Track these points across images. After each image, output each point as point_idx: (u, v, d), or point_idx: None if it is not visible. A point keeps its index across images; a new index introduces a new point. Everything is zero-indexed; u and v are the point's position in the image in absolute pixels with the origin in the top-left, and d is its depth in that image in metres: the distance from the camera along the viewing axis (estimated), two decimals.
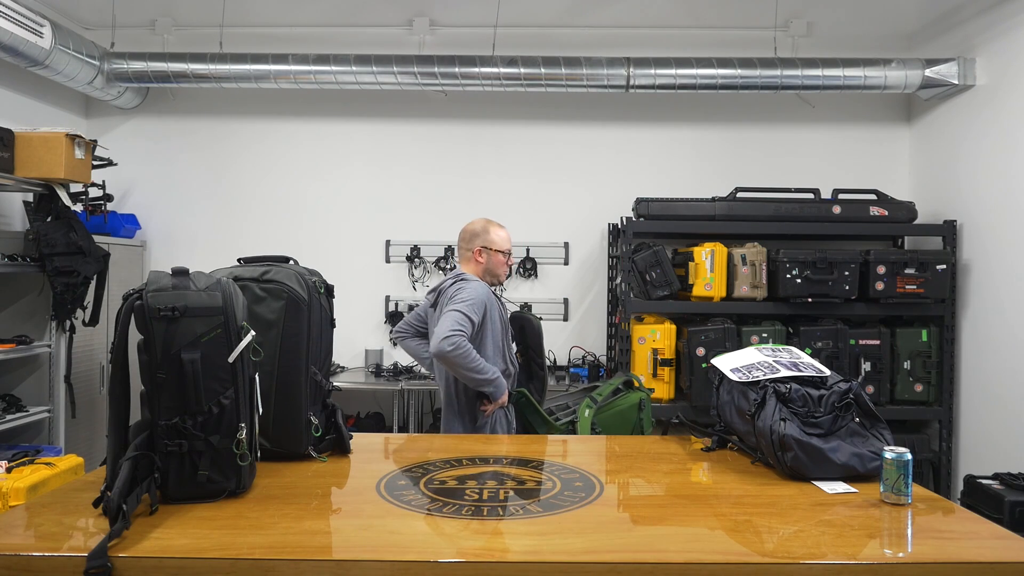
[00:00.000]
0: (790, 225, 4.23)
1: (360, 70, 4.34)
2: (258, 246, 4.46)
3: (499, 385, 2.61)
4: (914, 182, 4.76)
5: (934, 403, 4.17)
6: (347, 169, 4.94)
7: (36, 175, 3.65)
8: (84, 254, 3.78)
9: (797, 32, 4.65)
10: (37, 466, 3.00)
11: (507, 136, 4.93)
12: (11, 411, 3.70)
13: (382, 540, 1.32)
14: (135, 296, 1.47)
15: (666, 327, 4.18)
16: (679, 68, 4.32)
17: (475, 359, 2.53)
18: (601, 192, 4.85)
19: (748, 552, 1.27)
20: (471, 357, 2.51)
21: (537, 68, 4.33)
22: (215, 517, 1.41)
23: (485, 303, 2.66)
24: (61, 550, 1.27)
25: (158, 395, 1.44)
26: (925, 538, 1.37)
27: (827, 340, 4.05)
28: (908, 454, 1.54)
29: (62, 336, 3.91)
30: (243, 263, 1.96)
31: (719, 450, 2.01)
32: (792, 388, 1.77)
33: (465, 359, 2.49)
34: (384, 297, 4.90)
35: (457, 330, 2.49)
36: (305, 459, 1.84)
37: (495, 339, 2.71)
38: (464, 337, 2.50)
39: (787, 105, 4.81)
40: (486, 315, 2.66)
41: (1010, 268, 3.79)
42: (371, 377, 4.53)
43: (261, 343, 1.59)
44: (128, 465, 1.38)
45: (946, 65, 4.20)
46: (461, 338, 2.48)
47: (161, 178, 4.96)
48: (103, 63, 4.31)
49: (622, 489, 1.67)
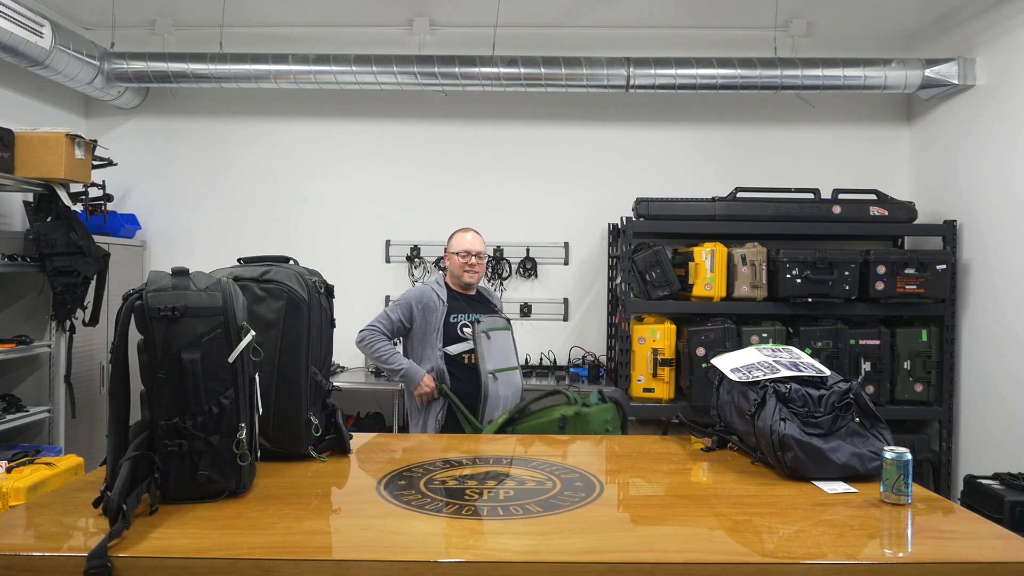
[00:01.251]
0: (790, 225, 4.23)
1: (360, 70, 4.34)
2: (258, 246, 4.45)
3: (406, 375, 2.99)
4: (914, 182, 4.76)
5: (934, 403, 4.17)
6: (347, 169, 4.94)
7: (36, 175, 3.65)
8: (84, 254, 3.78)
9: (797, 32, 4.64)
10: (37, 466, 3.00)
11: (507, 136, 4.93)
12: (11, 411, 3.70)
13: (382, 540, 1.32)
14: (135, 296, 1.47)
15: (666, 327, 4.18)
16: (679, 68, 4.32)
17: (380, 350, 3.03)
18: (601, 192, 4.84)
19: (748, 552, 1.27)
20: (374, 348, 3.03)
21: (537, 68, 4.33)
22: (215, 517, 1.41)
23: (411, 304, 3.09)
24: (61, 550, 1.27)
25: (158, 395, 1.44)
26: (925, 538, 1.37)
27: (827, 340, 4.05)
28: (908, 454, 1.54)
29: (62, 336, 3.91)
30: (243, 263, 1.97)
31: (719, 450, 2.01)
32: (792, 388, 1.77)
33: (368, 349, 3.06)
34: (384, 297, 4.90)
35: (371, 326, 3.08)
36: (305, 459, 1.84)
37: (420, 336, 3.08)
38: (374, 332, 3.05)
39: (787, 105, 4.81)
40: (413, 313, 3.07)
41: (1010, 268, 3.79)
42: (371, 377, 4.52)
43: (261, 343, 1.59)
44: (128, 465, 1.38)
45: (946, 65, 4.20)
46: (369, 332, 3.05)
47: (161, 178, 4.96)
48: (103, 63, 4.31)
49: (622, 489, 1.67)
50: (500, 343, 3.08)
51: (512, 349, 3.16)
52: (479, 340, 2.99)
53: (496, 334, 3.07)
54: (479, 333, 3.00)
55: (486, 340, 3.00)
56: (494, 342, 3.04)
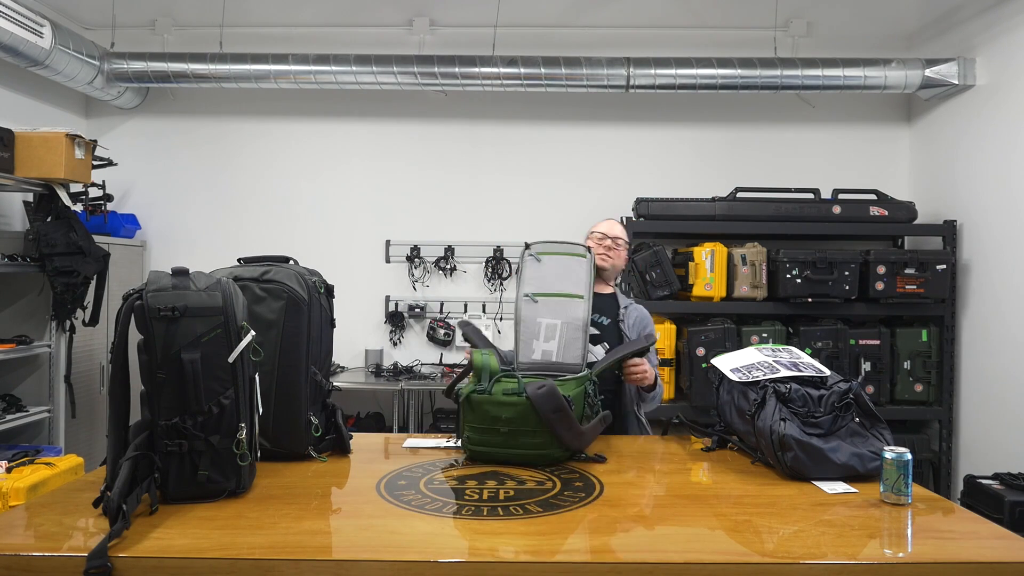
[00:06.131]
0: (790, 225, 4.23)
1: (360, 70, 4.34)
2: (258, 246, 4.46)
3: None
4: (914, 182, 4.76)
5: (934, 403, 4.17)
6: (347, 169, 4.94)
7: (36, 175, 3.65)
8: (84, 254, 3.78)
9: (797, 32, 4.65)
10: (37, 466, 3.00)
11: (507, 136, 4.93)
12: (11, 411, 3.70)
13: (382, 540, 1.32)
14: (135, 296, 1.46)
15: (666, 327, 4.18)
16: (679, 68, 4.32)
17: None
18: (601, 192, 4.84)
19: (748, 552, 1.27)
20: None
21: (537, 68, 4.33)
22: (215, 517, 1.41)
23: None
24: (61, 550, 1.26)
25: (158, 395, 1.44)
26: (925, 538, 1.37)
27: (827, 340, 4.05)
28: (908, 454, 1.54)
29: (62, 336, 3.91)
30: (243, 263, 1.96)
31: (719, 450, 2.01)
32: (792, 388, 1.77)
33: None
34: (384, 297, 4.90)
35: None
36: (305, 459, 1.84)
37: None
38: None
39: (787, 105, 4.81)
40: None
41: (1010, 268, 3.79)
42: (371, 377, 4.53)
43: (261, 343, 1.59)
44: (128, 465, 1.38)
45: (946, 65, 4.20)
46: None
47: (161, 178, 4.96)
48: (103, 63, 4.31)
49: (622, 489, 1.66)
50: (555, 268, 2.20)
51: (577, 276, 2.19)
52: (524, 263, 2.21)
53: (551, 259, 2.21)
54: (526, 256, 2.22)
55: (533, 263, 2.20)
56: (545, 266, 2.19)
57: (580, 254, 2.23)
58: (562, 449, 1.78)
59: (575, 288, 2.15)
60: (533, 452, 1.77)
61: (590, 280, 2.18)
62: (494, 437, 1.78)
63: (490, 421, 1.77)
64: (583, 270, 2.19)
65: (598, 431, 1.91)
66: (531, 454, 1.77)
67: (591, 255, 2.24)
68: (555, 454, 1.78)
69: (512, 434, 1.76)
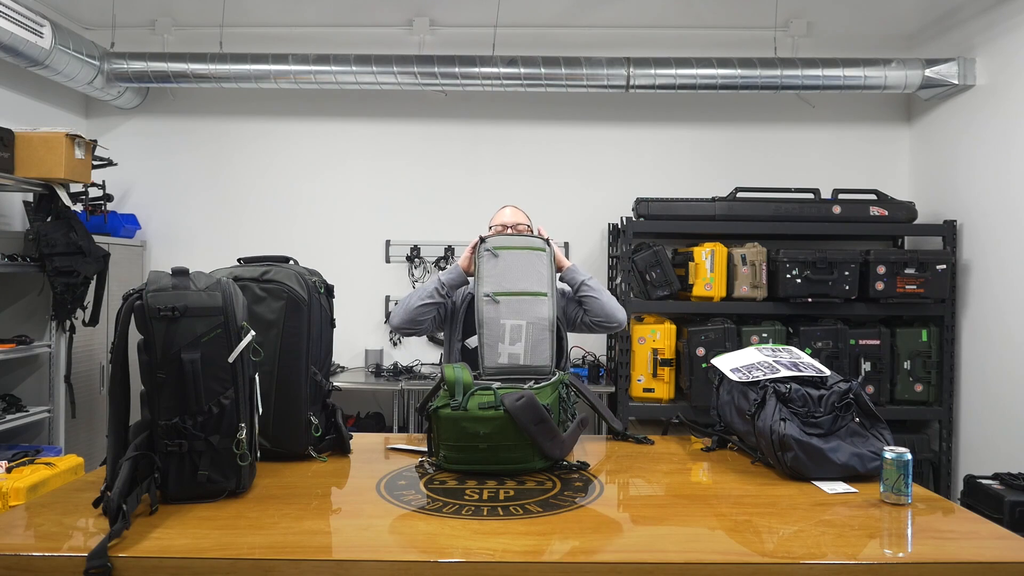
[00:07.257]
0: (790, 225, 4.23)
1: (360, 70, 4.34)
2: (258, 246, 4.47)
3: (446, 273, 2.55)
4: (914, 182, 4.76)
5: (934, 403, 4.17)
6: (347, 169, 4.94)
7: (36, 175, 3.65)
8: (84, 254, 3.78)
9: (797, 32, 4.64)
10: (37, 466, 3.00)
11: (507, 136, 4.93)
12: (11, 411, 3.70)
13: (382, 540, 1.32)
14: (135, 296, 1.47)
15: (666, 327, 4.18)
16: (679, 68, 4.32)
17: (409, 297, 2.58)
18: (601, 192, 4.84)
19: (748, 552, 1.27)
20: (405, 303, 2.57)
21: (537, 68, 4.33)
22: (215, 517, 1.41)
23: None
24: (61, 550, 1.27)
25: (158, 395, 1.44)
26: (925, 538, 1.37)
27: (827, 340, 4.05)
28: (908, 454, 1.54)
29: (62, 336, 3.91)
30: (243, 263, 1.96)
31: (719, 450, 2.01)
32: (792, 388, 1.77)
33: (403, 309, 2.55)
34: (384, 297, 4.90)
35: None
36: (305, 459, 1.84)
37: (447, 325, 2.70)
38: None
39: (787, 105, 4.81)
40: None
41: (1010, 268, 3.79)
42: (371, 377, 4.53)
43: (261, 343, 1.59)
44: (128, 465, 1.38)
45: (946, 65, 4.20)
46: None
47: (161, 178, 4.96)
48: (103, 63, 4.31)
49: (622, 489, 1.66)
50: (514, 264, 2.12)
51: (539, 273, 2.12)
52: (480, 260, 2.13)
53: (509, 254, 2.13)
54: (482, 252, 2.14)
55: (490, 259, 2.12)
56: (504, 262, 2.12)
57: (539, 247, 2.17)
58: (543, 460, 1.73)
59: (538, 285, 2.09)
60: (513, 467, 1.71)
61: (552, 275, 2.13)
62: (473, 455, 1.69)
63: (468, 438, 1.68)
64: (544, 265, 2.13)
65: (577, 436, 1.85)
66: (511, 468, 1.71)
67: (551, 248, 2.19)
68: (537, 465, 1.73)
69: (492, 450, 1.68)
